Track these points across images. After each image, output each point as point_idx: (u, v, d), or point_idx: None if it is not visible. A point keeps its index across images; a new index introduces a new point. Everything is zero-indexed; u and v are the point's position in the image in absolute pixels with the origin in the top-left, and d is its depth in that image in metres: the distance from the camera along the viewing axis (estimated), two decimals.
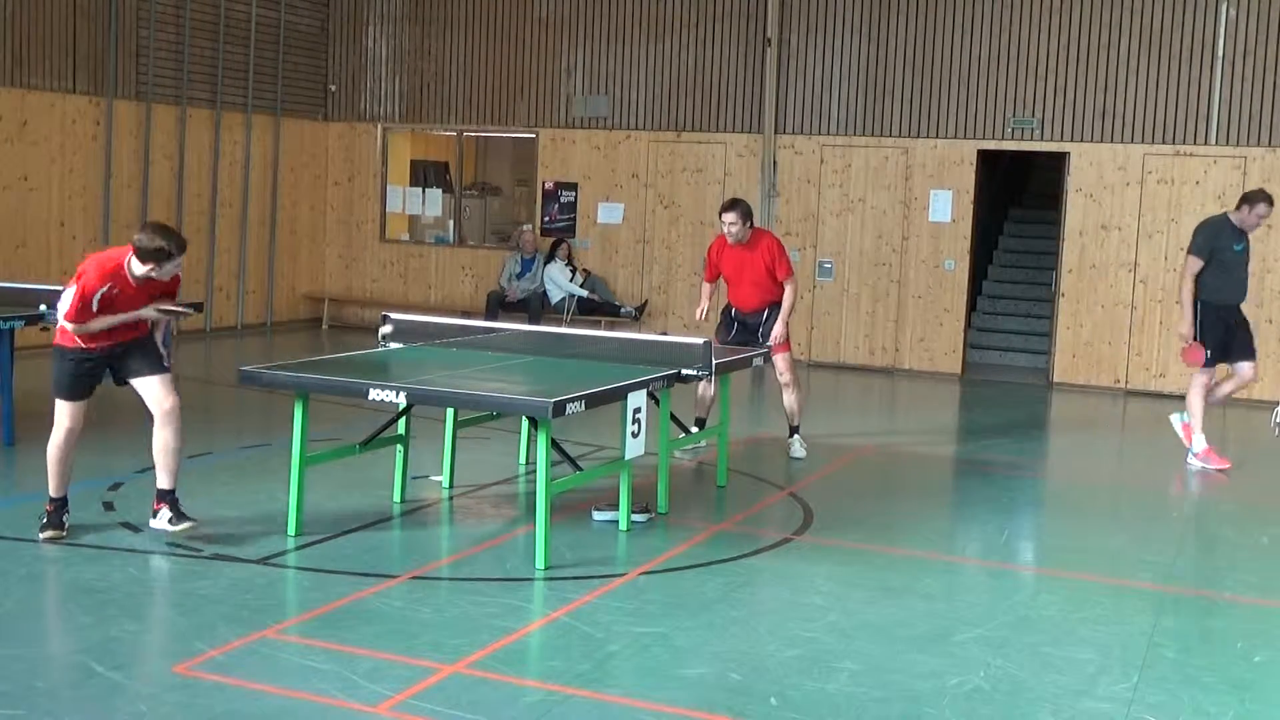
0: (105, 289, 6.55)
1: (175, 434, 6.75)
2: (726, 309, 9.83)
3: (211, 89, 15.57)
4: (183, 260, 6.69)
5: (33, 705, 4.60)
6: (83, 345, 6.67)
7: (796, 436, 9.89)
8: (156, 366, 6.83)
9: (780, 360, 9.68)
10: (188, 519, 6.77)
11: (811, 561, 6.87)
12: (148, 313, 6.74)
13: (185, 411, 6.89)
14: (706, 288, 9.89)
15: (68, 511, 6.82)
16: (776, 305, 9.62)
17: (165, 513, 6.77)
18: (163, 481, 6.78)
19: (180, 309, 6.92)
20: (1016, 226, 17.48)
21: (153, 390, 6.79)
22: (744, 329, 9.70)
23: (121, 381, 6.89)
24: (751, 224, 9.59)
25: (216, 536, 6.81)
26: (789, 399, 9.85)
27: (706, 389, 9.66)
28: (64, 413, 6.75)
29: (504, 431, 9.41)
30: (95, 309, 6.57)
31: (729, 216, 9.40)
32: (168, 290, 6.85)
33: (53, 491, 6.81)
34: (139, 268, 6.56)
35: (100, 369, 6.80)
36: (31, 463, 8.55)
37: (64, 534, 6.72)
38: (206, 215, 15.69)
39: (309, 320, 17.23)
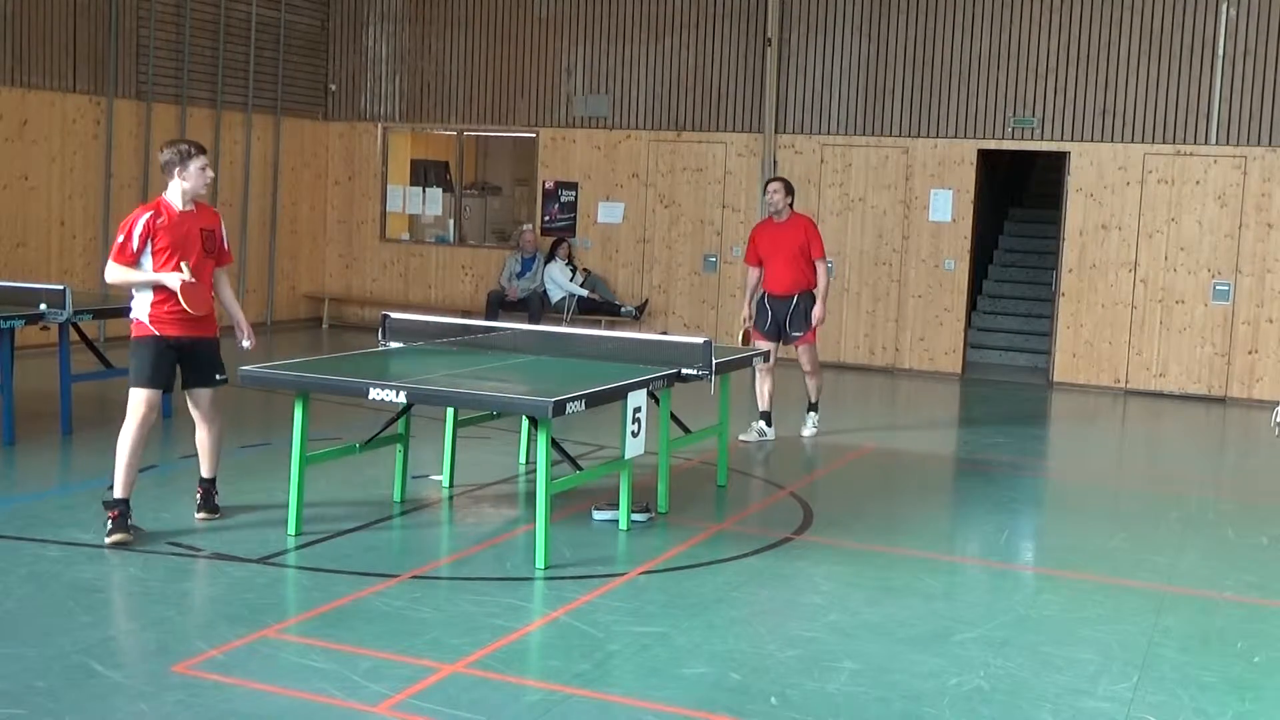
0: (148, 217, 6.66)
1: (218, 432, 7.16)
2: (762, 298, 10.34)
3: (212, 88, 15.57)
4: (206, 161, 6.78)
5: (33, 705, 4.60)
6: (156, 332, 6.72)
7: (813, 414, 10.58)
8: (212, 380, 7.03)
9: (805, 353, 10.37)
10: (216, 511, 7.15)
11: (811, 561, 6.87)
12: (170, 280, 6.62)
13: (185, 411, 7.14)
14: (751, 276, 10.44)
15: (131, 515, 6.70)
16: (805, 294, 10.24)
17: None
18: (205, 470, 7.16)
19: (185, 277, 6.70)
20: (1017, 226, 17.46)
21: (203, 402, 7.05)
22: (775, 319, 10.24)
23: (186, 384, 6.99)
24: (792, 204, 10.33)
25: (216, 536, 6.82)
26: (811, 384, 10.59)
27: (764, 382, 10.27)
28: (139, 401, 6.68)
29: (504, 431, 9.41)
30: (137, 245, 6.62)
31: (773, 185, 10.26)
32: (210, 224, 6.90)
33: (118, 492, 6.67)
34: (173, 188, 6.73)
35: (174, 358, 6.81)
36: (32, 462, 8.57)
37: (132, 538, 6.57)
38: None
39: (309, 320, 17.22)
